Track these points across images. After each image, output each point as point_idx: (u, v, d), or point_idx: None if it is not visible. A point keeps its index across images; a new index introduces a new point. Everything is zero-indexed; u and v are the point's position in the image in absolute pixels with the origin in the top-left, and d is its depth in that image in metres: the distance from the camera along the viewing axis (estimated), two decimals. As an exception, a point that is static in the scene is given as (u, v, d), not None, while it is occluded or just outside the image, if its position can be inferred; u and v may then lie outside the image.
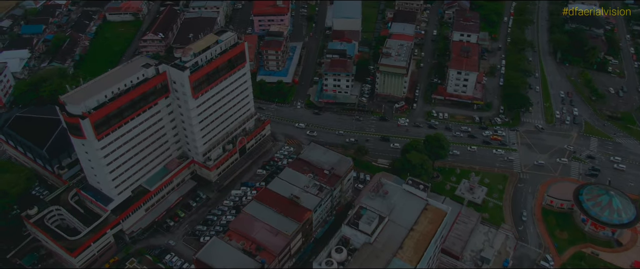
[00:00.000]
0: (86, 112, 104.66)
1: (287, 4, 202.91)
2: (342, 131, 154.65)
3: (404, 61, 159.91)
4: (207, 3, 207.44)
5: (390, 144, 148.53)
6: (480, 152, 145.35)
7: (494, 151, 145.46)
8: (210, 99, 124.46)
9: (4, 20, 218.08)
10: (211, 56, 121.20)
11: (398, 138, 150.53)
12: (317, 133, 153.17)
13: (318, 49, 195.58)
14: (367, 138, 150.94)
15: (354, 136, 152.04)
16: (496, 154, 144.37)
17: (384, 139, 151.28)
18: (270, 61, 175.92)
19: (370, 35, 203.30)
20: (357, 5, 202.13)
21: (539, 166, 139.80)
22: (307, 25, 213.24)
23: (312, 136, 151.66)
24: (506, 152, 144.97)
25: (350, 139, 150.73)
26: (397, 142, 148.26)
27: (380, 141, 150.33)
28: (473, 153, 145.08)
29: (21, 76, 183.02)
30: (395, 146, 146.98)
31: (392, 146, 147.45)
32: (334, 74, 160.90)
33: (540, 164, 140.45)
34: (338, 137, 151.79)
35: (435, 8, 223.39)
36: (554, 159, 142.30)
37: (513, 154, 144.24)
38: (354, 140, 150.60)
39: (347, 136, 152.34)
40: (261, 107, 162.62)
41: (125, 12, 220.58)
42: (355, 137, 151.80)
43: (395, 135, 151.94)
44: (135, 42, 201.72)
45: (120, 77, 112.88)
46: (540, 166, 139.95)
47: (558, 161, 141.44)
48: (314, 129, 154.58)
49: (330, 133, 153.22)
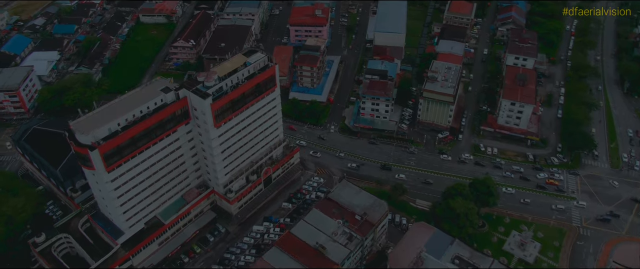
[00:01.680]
0: (95, 143, 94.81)
1: (327, 13, 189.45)
2: (342, 153, 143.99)
3: (451, 88, 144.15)
4: (242, 9, 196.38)
5: (395, 174, 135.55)
6: (533, 198, 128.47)
7: (551, 201, 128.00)
8: (234, 127, 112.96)
9: (38, 17, 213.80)
10: (237, 81, 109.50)
11: (439, 175, 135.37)
12: (342, 155, 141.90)
13: (357, 64, 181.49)
14: (362, 162, 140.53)
15: (355, 161, 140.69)
16: (552, 203, 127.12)
17: (385, 167, 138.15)
18: (304, 77, 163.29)
19: (414, 51, 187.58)
20: (402, 17, 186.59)
21: (603, 221, 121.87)
22: (347, 36, 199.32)
23: (314, 157, 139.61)
24: (564, 201, 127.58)
25: (352, 165, 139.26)
26: (403, 173, 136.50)
27: (381, 170, 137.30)
28: (525, 196, 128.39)
29: (49, 79, 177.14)
30: (400, 177, 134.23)
31: (397, 176, 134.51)
32: (373, 97, 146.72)
33: (605, 218, 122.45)
34: (341, 161, 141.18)
35: (487, 23, 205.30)
36: (621, 213, 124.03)
37: (572, 204, 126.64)
38: (355, 166, 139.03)
39: (347, 159, 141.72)
40: (291, 127, 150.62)
41: (158, 14, 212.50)
42: (356, 162, 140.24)
43: (437, 171, 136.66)
44: (166, 47, 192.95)
45: (136, 102, 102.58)
46: (605, 220, 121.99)
47: (625, 217, 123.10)
48: (317, 150, 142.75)
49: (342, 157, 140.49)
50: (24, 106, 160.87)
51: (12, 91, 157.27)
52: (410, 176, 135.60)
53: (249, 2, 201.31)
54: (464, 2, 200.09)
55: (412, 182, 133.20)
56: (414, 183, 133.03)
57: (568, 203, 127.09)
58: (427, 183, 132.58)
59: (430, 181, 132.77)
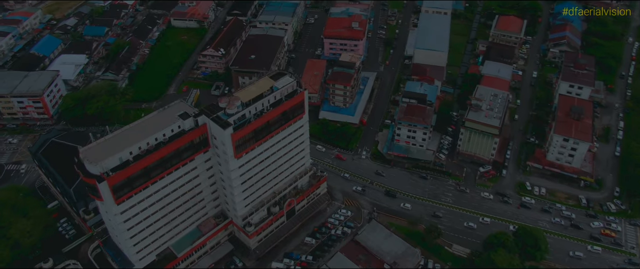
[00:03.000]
0: (104, 174, 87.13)
1: (364, 26, 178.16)
2: (347, 173, 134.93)
3: (497, 118, 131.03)
4: (276, 17, 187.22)
5: (400, 203, 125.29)
6: (586, 251, 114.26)
7: (606, 257, 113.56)
8: (256, 157, 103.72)
9: (70, 17, 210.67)
10: (262, 108, 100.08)
11: (478, 215, 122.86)
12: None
13: (394, 82, 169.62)
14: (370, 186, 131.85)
15: (360, 185, 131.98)
16: (608, 259, 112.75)
17: (389, 194, 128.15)
18: (336, 96, 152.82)
19: (456, 71, 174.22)
20: (445, 34, 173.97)
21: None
22: (384, 50, 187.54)
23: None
24: (621, 256, 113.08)
25: (357, 188, 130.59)
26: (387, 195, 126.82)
27: (385, 196, 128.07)
28: (575, 247, 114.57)
29: (75, 84, 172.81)
30: (405, 206, 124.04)
31: (402, 206, 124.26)
32: (409, 124, 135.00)
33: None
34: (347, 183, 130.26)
35: (537, 42, 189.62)
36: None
37: (631, 261, 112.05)
38: (361, 189, 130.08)
39: (353, 181, 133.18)
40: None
41: (190, 19, 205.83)
42: (361, 185, 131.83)
43: (477, 211, 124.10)
44: (196, 54, 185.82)
45: (152, 128, 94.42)
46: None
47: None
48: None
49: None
50: (47, 112, 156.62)
51: (36, 97, 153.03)
52: (447, 214, 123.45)
53: (283, 10, 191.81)
54: (513, 18, 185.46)
55: (448, 222, 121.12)
56: (451, 224, 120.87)
57: (627, 259, 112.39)
58: (469, 228, 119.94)
59: (472, 225, 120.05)
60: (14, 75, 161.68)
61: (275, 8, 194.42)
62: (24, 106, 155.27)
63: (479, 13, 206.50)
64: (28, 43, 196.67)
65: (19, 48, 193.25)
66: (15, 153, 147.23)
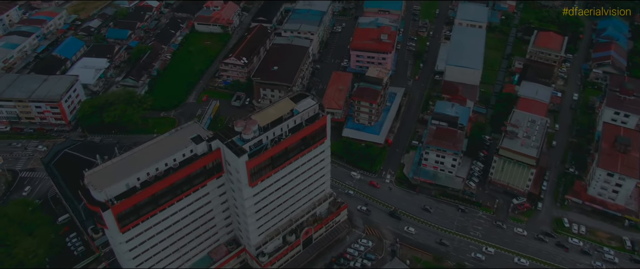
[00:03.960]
0: (109, 201, 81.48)
1: (393, 38, 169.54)
2: (351, 191, 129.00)
3: (534, 148, 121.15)
4: (301, 26, 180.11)
5: (405, 227, 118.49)
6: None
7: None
8: (272, 185, 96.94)
9: (95, 19, 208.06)
10: (281, 133, 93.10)
11: (510, 253, 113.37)
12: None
13: (423, 99, 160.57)
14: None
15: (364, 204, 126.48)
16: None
17: (392, 214, 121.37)
18: (361, 113, 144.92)
19: (490, 89, 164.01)
20: (479, 49, 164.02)
21: None
22: (414, 64, 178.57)
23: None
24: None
25: (363, 207, 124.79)
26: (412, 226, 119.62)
27: (388, 216, 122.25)
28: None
29: (95, 88, 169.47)
30: (409, 230, 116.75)
31: (407, 229, 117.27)
32: (438, 149, 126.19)
33: None
34: (393, 222, 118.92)
35: (578, 60, 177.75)
36: None
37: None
38: (365, 209, 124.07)
39: (359, 198, 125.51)
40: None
41: (214, 23, 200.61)
42: (365, 204, 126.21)
43: (508, 249, 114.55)
44: (218, 61, 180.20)
45: (162, 151, 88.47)
46: None
47: None
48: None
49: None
50: (64, 118, 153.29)
51: (53, 102, 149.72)
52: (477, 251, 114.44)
53: (309, 18, 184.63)
54: (553, 35, 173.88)
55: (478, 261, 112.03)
56: (480, 263, 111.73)
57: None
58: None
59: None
60: (33, 79, 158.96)
61: (302, 16, 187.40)
62: (41, 111, 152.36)
63: (516, 27, 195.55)
64: (52, 43, 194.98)
65: (42, 49, 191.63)
66: (31, 159, 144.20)
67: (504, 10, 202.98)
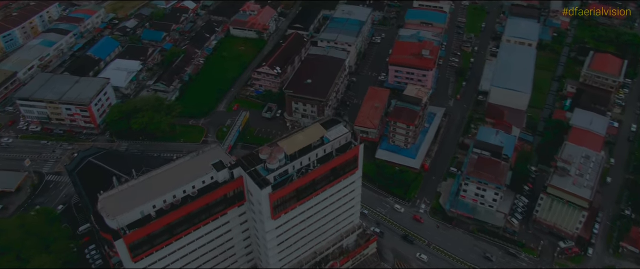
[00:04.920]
0: (121, 230, 76.32)
1: (435, 54, 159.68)
2: (366, 209, 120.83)
3: (588, 188, 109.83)
4: (339, 36, 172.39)
5: (417, 253, 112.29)
6: None
7: None
8: (296, 217, 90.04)
9: (131, 19, 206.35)
10: (308, 162, 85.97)
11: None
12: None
13: (465, 121, 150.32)
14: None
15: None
16: None
17: (405, 238, 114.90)
18: (397, 135, 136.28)
19: (538, 114, 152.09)
20: (528, 70, 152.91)
21: None
22: (456, 82, 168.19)
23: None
24: None
25: (375, 229, 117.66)
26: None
27: (401, 240, 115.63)
28: None
29: (126, 91, 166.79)
30: (421, 257, 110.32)
31: (418, 256, 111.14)
32: (479, 181, 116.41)
33: None
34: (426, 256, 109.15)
35: (637, 86, 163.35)
36: None
37: None
38: (378, 231, 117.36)
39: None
40: (370, 192, 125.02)
41: (249, 29, 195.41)
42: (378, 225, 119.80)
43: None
44: (251, 68, 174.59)
45: (181, 177, 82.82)
46: None
47: None
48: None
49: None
50: (93, 122, 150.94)
51: (83, 105, 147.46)
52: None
53: (347, 28, 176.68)
54: (611, 57, 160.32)
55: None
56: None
57: None
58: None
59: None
60: (66, 79, 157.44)
61: (340, 25, 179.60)
62: (71, 113, 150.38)
63: (569, 46, 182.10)
64: (88, 42, 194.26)
65: (78, 47, 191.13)
66: (58, 163, 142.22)
67: (556, 27, 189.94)
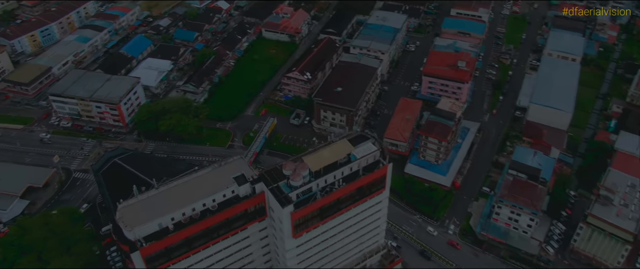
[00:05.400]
0: (138, 242, 74.34)
1: (472, 66, 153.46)
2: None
3: (633, 220, 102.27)
4: (372, 44, 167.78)
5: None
6: None
7: None
8: (319, 236, 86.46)
9: (165, 17, 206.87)
10: (333, 181, 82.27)
11: None
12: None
13: (500, 138, 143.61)
14: None
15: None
16: None
17: (422, 254, 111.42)
18: (428, 150, 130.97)
19: (579, 134, 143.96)
20: (571, 87, 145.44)
21: None
22: (492, 96, 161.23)
23: None
24: None
25: (391, 243, 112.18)
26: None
27: (418, 256, 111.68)
28: None
29: (156, 91, 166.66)
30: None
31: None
32: (513, 204, 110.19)
33: None
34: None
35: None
36: None
37: None
38: (395, 245, 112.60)
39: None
40: (397, 208, 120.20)
41: (282, 32, 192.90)
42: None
43: None
44: (281, 72, 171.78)
45: (202, 190, 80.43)
46: None
47: None
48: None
49: None
50: (122, 120, 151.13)
51: (113, 104, 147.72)
52: None
53: (381, 35, 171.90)
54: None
55: None
56: None
57: None
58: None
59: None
60: (97, 77, 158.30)
61: (373, 31, 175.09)
62: (101, 111, 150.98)
63: (616, 62, 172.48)
64: (122, 39, 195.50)
65: (112, 44, 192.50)
66: (86, 160, 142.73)
67: (603, 41, 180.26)
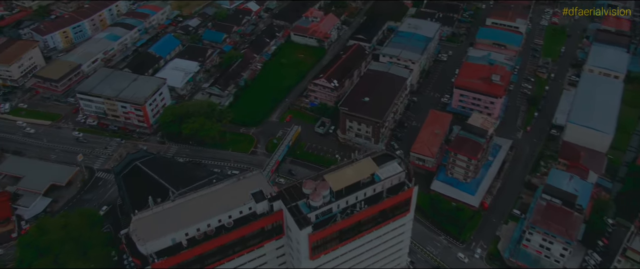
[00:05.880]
0: (150, 257, 72.04)
1: (507, 80, 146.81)
2: None
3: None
4: (402, 52, 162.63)
5: None
6: None
7: None
8: (337, 258, 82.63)
9: (194, 18, 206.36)
10: (355, 202, 78.29)
11: None
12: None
13: (534, 158, 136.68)
14: None
15: None
16: None
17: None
18: (456, 167, 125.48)
19: (620, 157, 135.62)
20: (612, 107, 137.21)
21: None
22: (527, 111, 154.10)
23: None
24: None
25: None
26: None
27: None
28: None
29: (182, 92, 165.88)
30: None
31: None
32: (546, 232, 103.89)
33: None
34: None
35: None
36: None
37: None
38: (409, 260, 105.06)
39: None
40: (421, 227, 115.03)
41: (311, 36, 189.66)
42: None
43: None
44: (308, 78, 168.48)
45: (218, 205, 77.66)
46: None
47: None
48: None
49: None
50: (147, 121, 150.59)
51: (138, 104, 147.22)
52: None
53: (412, 44, 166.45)
54: None
55: None
56: None
57: None
58: None
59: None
60: (124, 77, 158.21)
61: (405, 40, 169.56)
62: (126, 111, 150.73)
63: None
64: (152, 38, 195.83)
65: (142, 43, 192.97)
66: (109, 160, 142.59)
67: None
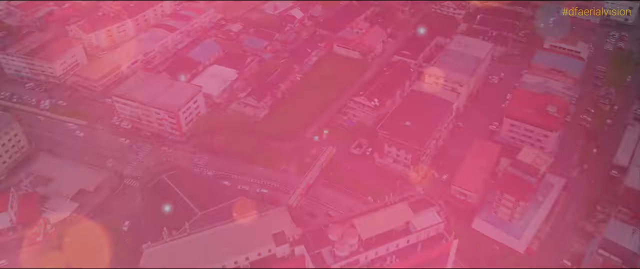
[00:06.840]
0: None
1: (564, 113, 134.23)
2: None
3: None
4: (450, 73, 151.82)
5: None
6: None
7: None
8: (362, 312, 74.40)
9: (237, 23, 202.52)
10: (385, 253, 70.05)
11: None
12: None
13: (590, 202, 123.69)
14: None
15: None
16: None
17: None
18: (502, 207, 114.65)
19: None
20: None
21: None
22: (584, 146, 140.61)
23: None
24: None
25: None
26: None
27: None
28: None
29: (218, 100, 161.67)
30: None
31: None
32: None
33: None
34: None
35: None
36: None
37: None
38: None
39: None
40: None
41: (354, 49, 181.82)
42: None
43: None
44: (348, 93, 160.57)
45: (236, 243, 71.35)
46: None
47: None
48: None
49: None
50: (179, 129, 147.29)
51: (171, 112, 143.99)
52: None
53: (461, 63, 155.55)
54: None
55: None
56: None
57: None
58: None
59: None
60: (161, 82, 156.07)
61: (453, 59, 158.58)
62: (160, 118, 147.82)
63: None
64: (193, 41, 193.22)
65: (182, 45, 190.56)
66: (139, 166, 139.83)
67: None
